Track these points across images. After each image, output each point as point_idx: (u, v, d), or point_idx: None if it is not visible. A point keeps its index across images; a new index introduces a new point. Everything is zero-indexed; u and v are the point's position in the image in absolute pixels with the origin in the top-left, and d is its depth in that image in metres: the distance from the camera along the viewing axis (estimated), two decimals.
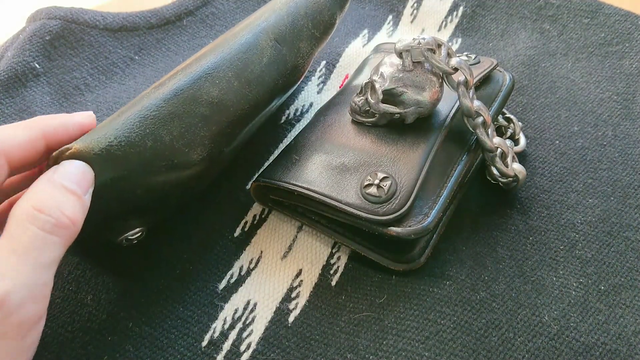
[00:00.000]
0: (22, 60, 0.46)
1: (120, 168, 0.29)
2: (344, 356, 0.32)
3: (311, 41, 0.39)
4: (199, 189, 0.36)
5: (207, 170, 0.33)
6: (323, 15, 0.39)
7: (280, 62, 0.36)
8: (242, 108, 0.33)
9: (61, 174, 0.27)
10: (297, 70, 0.38)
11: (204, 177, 0.34)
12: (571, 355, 0.31)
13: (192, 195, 0.36)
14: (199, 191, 0.37)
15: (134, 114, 0.30)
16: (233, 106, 0.33)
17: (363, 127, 0.37)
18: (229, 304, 0.35)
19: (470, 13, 0.53)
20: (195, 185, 0.34)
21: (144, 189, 0.31)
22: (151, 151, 0.30)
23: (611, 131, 0.42)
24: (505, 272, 0.35)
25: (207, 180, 0.36)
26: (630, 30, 0.49)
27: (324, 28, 0.40)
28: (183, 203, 0.36)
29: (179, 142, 0.31)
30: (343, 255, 0.36)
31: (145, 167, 0.30)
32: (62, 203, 0.25)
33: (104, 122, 0.30)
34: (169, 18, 0.52)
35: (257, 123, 0.36)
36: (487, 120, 0.35)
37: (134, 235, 0.33)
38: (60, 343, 0.33)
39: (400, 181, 0.33)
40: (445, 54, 0.35)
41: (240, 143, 0.36)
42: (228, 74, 0.33)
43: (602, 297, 0.33)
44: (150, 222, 0.34)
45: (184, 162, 0.31)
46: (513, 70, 0.48)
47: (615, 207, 0.38)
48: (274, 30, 0.36)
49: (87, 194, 0.27)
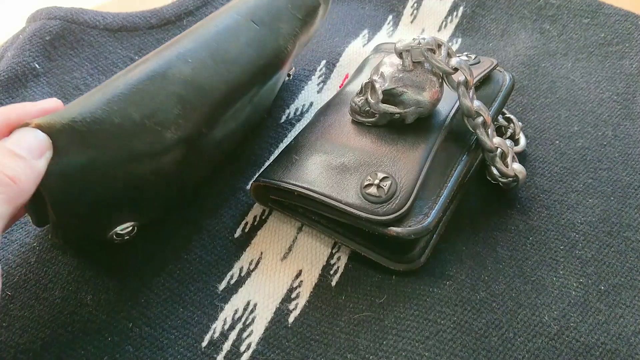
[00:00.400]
0: (22, 60, 0.46)
1: (91, 146, 0.29)
2: (344, 356, 0.32)
3: (293, 22, 0.38)
4: (189, 184, 0.36)
5: (189, 157, 0.33)
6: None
7: (259, 42, 0.35)
8: (219, 88, 0.33)
9: (10, 140, 0.28)
10: (280, 52, 0.37)
11: (187, 166, 0.33)
12: (571, 355, 0.31)
13: (182, 189, 0.35)
14: (191, 187, 0.37)
15: (101, 93, 0.29)
16: (208, 85, 0.32)
17: (363, 127, 0.37)
18: (229, 305, 0.35)
19: (470, 13, 0.53)
20: (181, 175, 0.33)
21: (124, 173, 0.30)
22: (119, 129, 0.29)
23: (611, 131, 0.42)
24: (505, 272, 0.35)
25: (195, 173, 0.36)
26: (630, 30, 0.49)
27: (306, 10, 0.39)
28: (173, 198, 0.36)
29: (150, 121, 0.30)
30: (343, 256, 0.36)
31: (119, 147, 0.29)
32: (4, 164, 0.27)
33: (69, 104, 0.29)
34: (169, 18, 0.52)
35: (241, 109, 0.36)
36: (487, 120, 0.35)
37: (124, 230, 0.32)
38: (60, 343, 0.33)
39: (400, 181, 0.33)
40: (445, 54, 0.35)
41: (228, 132, 0.35)
42: (202, 53, 0.33)
43: (602, 297, 0.33)
44: (141, 216, 0.33)
45: (158, 143, 0.30)
46: (513, 70, 0.48)
47: (615, 207, 0.38)
48: (250, 11, 0.36)
49: (38, 159, 0.28)
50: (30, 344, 0.32)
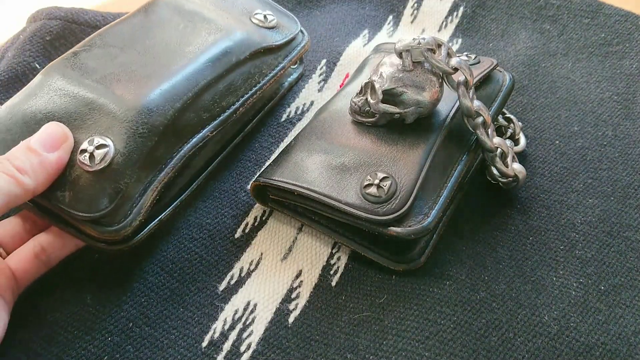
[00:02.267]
0: (23, 60, 0.46)
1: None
2: (344, 356, 0.32)
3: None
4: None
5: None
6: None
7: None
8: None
9: (33, 136, 0.32)
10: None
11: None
12: (571, 355, 0.31)
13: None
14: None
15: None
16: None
17: (363, 127, 0.37)
18: (229, 305, 0.35)
19: (470, 13, 0.53)
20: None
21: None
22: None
23: (611, 131, 0.42)
24: (505, 272, 0.35)
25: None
26: (631, 31, 0.49)
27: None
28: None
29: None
30: (343, 256, 0.36)
31: None
32: (14, 156, 0.30)
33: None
34: None
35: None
36: (487, 120, 0.35)
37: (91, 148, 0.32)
38: (60, 343, 0.33)
39: (400, 181, 0.33)
40: (445, 54, 0.35)
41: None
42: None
43: (602, 297, 0.33)
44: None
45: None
46: (513, 70, 0.48)
47: (615, 207, 0.38)
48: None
49: (52, 152, 0.31)
50: (30, 344, 0.33)
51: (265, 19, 0.42)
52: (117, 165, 0.32)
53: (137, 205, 0.32)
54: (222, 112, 0.37)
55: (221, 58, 0.37)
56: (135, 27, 0.38)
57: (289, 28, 0.43)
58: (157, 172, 0.33)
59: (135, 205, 0.32)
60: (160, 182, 0.33)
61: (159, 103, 0.34)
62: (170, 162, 0.34)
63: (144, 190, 0.33)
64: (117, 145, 0.32)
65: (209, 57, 0.37)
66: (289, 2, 0.55)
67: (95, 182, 0.31)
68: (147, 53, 0.36)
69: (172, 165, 0.34)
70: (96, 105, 0.33)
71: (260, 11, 0.42)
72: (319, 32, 0.51)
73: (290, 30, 0.42)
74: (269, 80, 0.40)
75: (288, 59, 0.42)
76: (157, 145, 0.33)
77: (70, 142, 0.32)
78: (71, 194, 0.31)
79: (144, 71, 0.35)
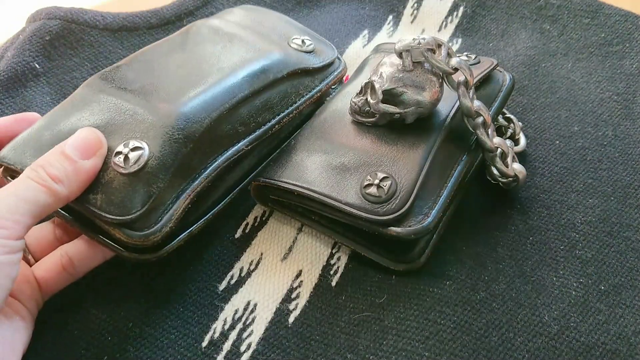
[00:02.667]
0: (22, 60, 0.46)
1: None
2: (344, 356, 0.32)
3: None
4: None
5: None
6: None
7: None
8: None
9: (67, 141, 0.31)
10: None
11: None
12: (571, 355, 0.31)
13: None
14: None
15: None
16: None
17: (363, 127, 0.37)
18: (229, 305, 0.35)
19: (470, 13, 0.53)
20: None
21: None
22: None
23: (611, 131, 0.42)
24: (505, 272, 0.35)
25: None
26: (631, 31, 0.49)
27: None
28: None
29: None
30: (343, 256, 0.36)
31: None
32: (49, 164, 0.30)
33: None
34: (169, 18, 0.52)
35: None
36: (487, 121, 0.35)
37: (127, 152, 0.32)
38: (61, 343, 0.33)
39: (400, 181, 0.33)
40: (445, 54, 0.35)
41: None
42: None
43: (602, 297, 0.33)
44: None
45: None
46: (513, 70, 0.48)
47: (616, 207, 0.38)
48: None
49: (87, 159, 0.31)
50: (30, 344, 0.32)
51: (303, 43, 0.43)
52: (151, 168, 0.32)
53: (169, 212, 0.32)
54: (258, 127, 0.38)
55: (259, 75, 0.38)
56: (175, 45, 0.40)
57: (327, 53, 0.44)
58: (191, 181, 0.34)
59: (166, 212, 0.32)
60: (193, 191, 0.33)
61: (195, 111, 0.34)
62: (204, 171, 0.34)
63: (176, 197, 0.33)
64: (152, 148, 0.32)
65: (246, 72, 0.37)
66: (289, 2, 0.55)
67: (128, 184, 0.31)
68: (185, 66, 0.37)
69: (205, 175, 0.34)
70: (133, 112, 0.33)
71: (298, 36, 0.43)
72: (319, 32, 0.51)
73: (328, 55, 0.44)
74: (305, 101, 0.41)
75: (325, 83, 0.42)
76: (192, 153, 0.33)
77: (105, 149, 0.32)
78: (104, 196, 0.31)
79: (182, 82, 0.36)
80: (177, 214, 0.33)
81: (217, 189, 0.37)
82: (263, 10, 0.46)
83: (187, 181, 0.33)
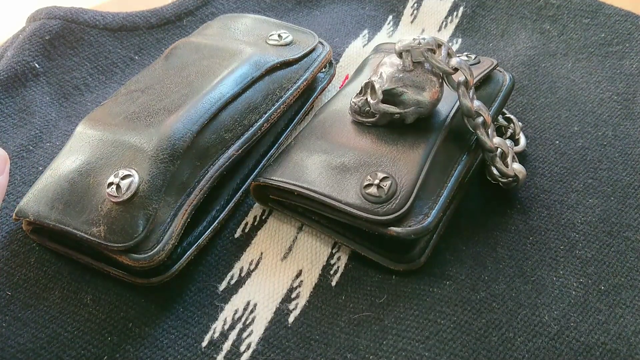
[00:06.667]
0: (22, 60, 0.46)
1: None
2: (344, 356, 0.32)
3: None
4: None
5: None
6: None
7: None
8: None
9: None
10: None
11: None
12: (571, 355, 0.31)
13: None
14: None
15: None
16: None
17: (363, 127, 0.37)
18: (229, 305, 0.35)
19: (470, 13, 0.53)
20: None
21: None
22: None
23: (611, 131, 0.42)
24: (505, 272, 0.35)
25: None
26: (631, 31, 0.49)
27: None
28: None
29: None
30: (343, 256, 0.36)
31: None
32: None
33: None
34: (169, 18, 0.52)
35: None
36: (487, 121, 0.35)
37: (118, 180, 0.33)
38: (60, 343, 0.33)
39: (400, 181, 0.33)
40: (445, 54, 0.35)
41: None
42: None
43: (602, 297, 0.33)
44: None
45: None
46: (513, 70, 0.48)
47: (616, 207, 0.38)
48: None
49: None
50: (30, 344, 0.32)
51: (280, 37, 0.43)
52: (144, 192, 0.33)
53: (169, 229, 0.33)
54: (245, 130, 0.38)
55: (236, 79, 0.38)
56: (157, 72, 0.40)
57: (306, 42, 0.44)
58: (186, 196, 0.34)
59: (167, 230, 0.33)
60: (189, 205, 0.34)
61: (176, 129, 0.35)
62: (197, 184, 0.35)
63: (174, 214, 0.34)
64: (141, 173, 0.33)
65: (223, 80, 0.38)
66: (289, 2, 0.55)
67: (125, 212, 0.32)
68: (166, 90, 0.38)
69: (200, 188, 0.35)
70: (119, 142, 0.35)
71: (275, 32, 0.44)
72: (319, 32, 0.51)
73: (307, 43, 0.44)
74: (292, 94, 0.41)
75: (310, 71, 0.43)
76: (181, 169, 0.34)
77: (8, 162, 0.33)
78: (105, 227, 0.32)
79: (162, 105, 0.37)
80: (177, 230, 0.33)
81: (220, 197, 0.38)
82: (238, 16, 0.47)
83: (182, 197, 0.34)
